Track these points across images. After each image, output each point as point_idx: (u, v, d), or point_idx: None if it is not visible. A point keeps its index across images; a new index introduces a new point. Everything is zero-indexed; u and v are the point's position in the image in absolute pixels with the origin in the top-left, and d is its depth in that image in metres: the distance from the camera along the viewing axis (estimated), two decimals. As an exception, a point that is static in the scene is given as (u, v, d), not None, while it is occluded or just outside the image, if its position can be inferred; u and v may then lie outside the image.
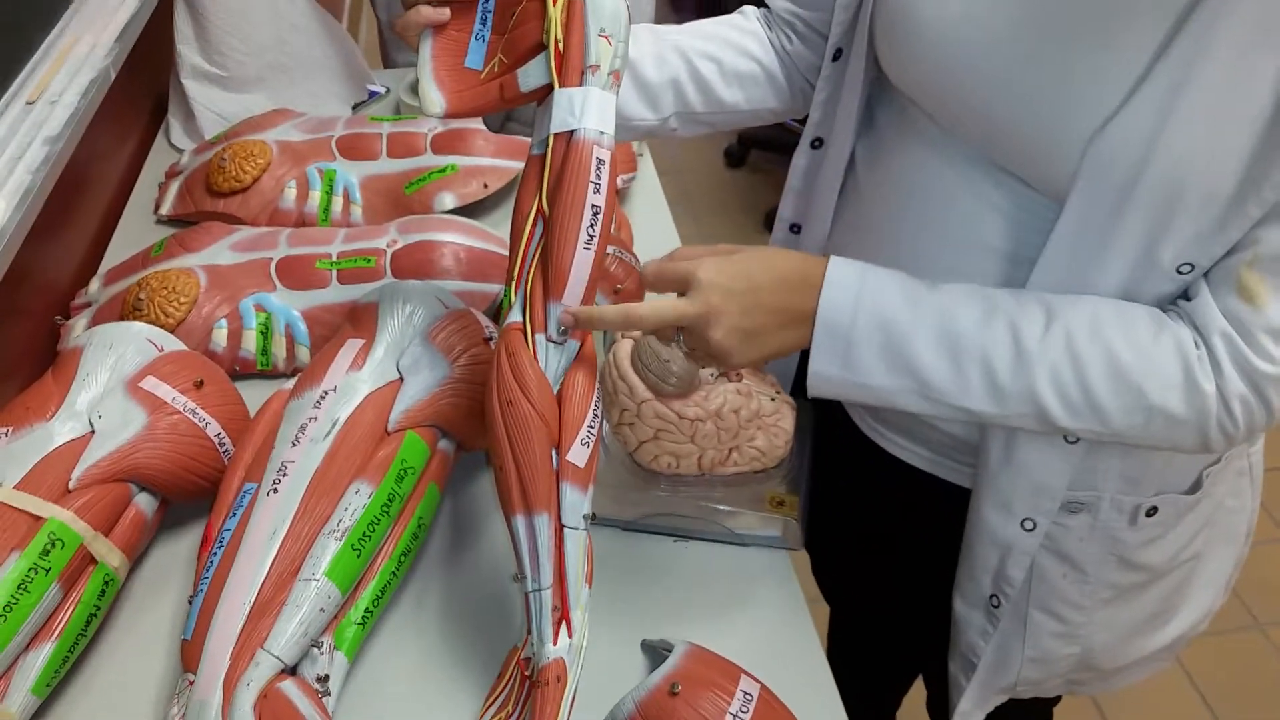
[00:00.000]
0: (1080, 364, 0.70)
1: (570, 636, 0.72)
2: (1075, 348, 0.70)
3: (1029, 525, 0.83)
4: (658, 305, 0.73)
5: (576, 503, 0.73)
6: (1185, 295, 0.72)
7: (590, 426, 0.74)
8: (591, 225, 0.73)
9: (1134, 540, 0.86)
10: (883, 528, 1.04)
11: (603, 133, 0.74)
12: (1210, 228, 0.67)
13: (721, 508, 0.90)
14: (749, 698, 0.71)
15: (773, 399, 0.91)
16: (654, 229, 1.31)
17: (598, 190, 0.74)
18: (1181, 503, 0.85)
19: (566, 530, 0.73)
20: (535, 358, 0.74)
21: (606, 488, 0.91)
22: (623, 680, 0.79)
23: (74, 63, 1.04)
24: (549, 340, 0.74)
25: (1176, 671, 1.87)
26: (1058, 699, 1.15)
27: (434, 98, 0.81)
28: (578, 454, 0.73)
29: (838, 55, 0.90)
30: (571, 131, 0.74)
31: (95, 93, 1.05)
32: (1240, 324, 0.69)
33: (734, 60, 0.96)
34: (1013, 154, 0.75)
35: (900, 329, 0.72)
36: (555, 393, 0.74)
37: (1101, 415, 0.71)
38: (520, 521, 0.73)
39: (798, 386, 0.96)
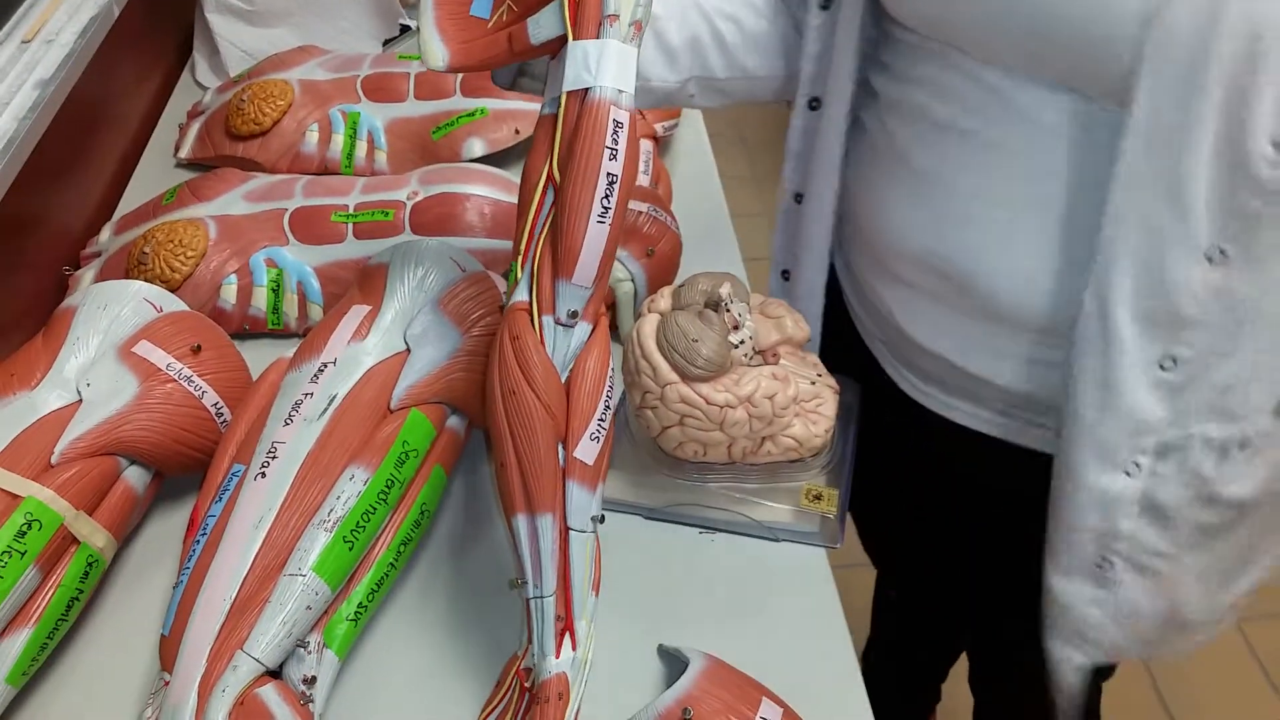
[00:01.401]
0: None
1: (574, 649, 0.66)
2: None
3: (1133, 470, 0.75)
4: None
5: (584, 503, 0.66)
6: None
7: (601, 420, 0.66)
8: (607, 196, 0.65)
9: (1222, 476, 0.77)
10: (934, 495, 0.98)
11: (621, 91, 0.65)
12: None
13: (753, 500, 0.82)
14: (769, 726, 0.64)
15: (813, 382, 0.82)
16: (696, 184, 1.21)
17: (614, 156, 0.65)
18: (1271, 425, 0.76)
19: (572, 533, 0.66)
20: (542, 342, 0.66)
21: (628, 473, 0.84)
22: (636, 685, 0.73)
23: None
24: (557, 323, 0.67)
25: (1240, 649, 1.78)
26: (1110, 671, 1.07)
27: (435, 49, 0.72)
28: (586, 450, 0.66)
29: (827, 3, 0.82)
30: (586, 89, 0.65)
31: (96, 31, 0.98)
32: None
33: (754, 22, 0.89)
34: (1054, 59, 0.66)
35: None
36: (563, 381, 0.67)
37: None
38: (522, 522, 0.66)
39: (830, 364, 0.89)
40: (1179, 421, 0.74)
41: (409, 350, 0.81)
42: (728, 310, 0.80)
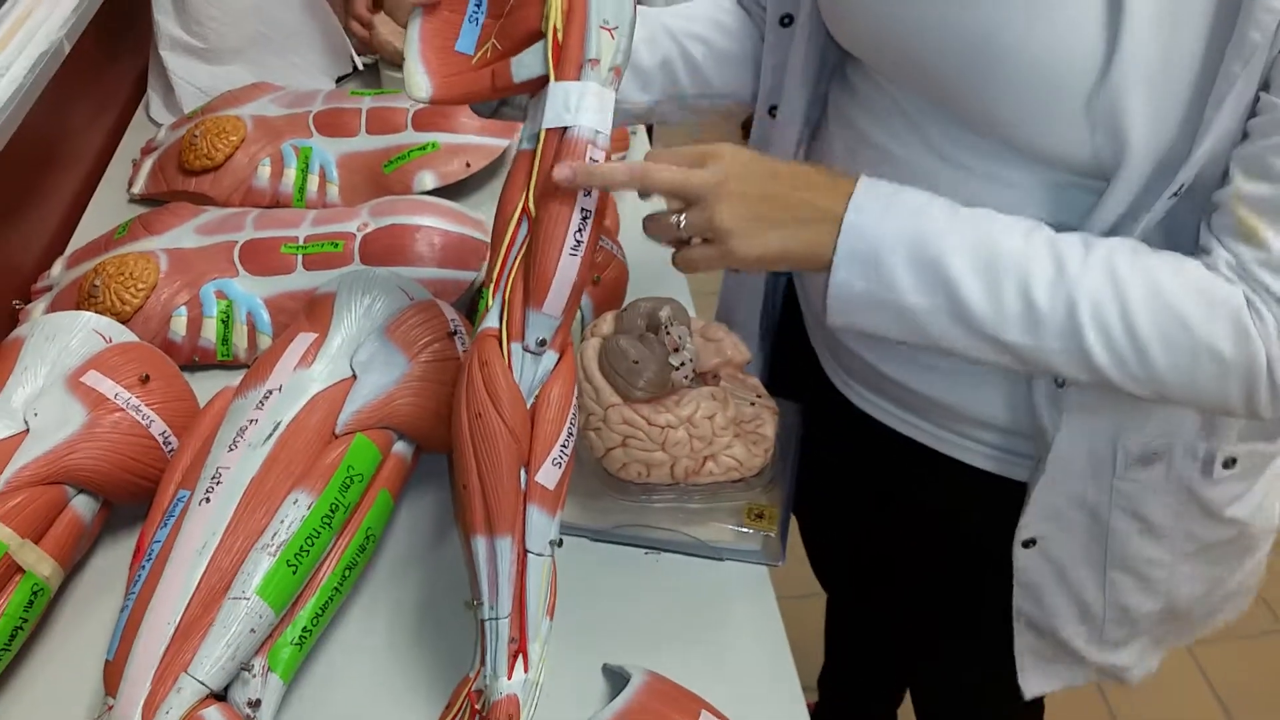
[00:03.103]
0: (1123, 291, 0.64)
1: (526, 671, 0.67)
2: (1118, 273, 0.64)
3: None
4: (671, 169, 0.68)
5: (543, 527, 0.67)
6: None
7: (564, 446, 0.68)
8: (580, 230, 0.67)
9: (1216, 495, 0.80)
10: (874, 509, 0.99)
11: (599, 132, 0.68)
12: None
13: (697, 520, 0.84)
14: (707, 738, 0.65)
15: (752, 404, 0.84)
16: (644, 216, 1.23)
17: (589, 193, 0.68)
18: (1263, 453, 0.79)
19: (530, 556, 0.67)
20: (509, 368, 0.68)
21: (574, 495, 0.86)
22: (580, 704, 0.74)
23: (25, 35, 0.99)
24: (526, 350, 0.69)
25: (1192, 672, 1.80)
26: None
27: (420, 82, 0.75)
28: (548, 475, 0.67)
29: (786, 21, 0.86)
30: (565, 128, 0.68)
31: (45, 67, 0.99)
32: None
33: (722, 42, 0.92)
34: (993, 120, 0.69)
35: (934, 240, 0.66)
36: (529, 407, 0.69)
37: (1144, 354, 0.64)
38: (481, 543, 0.67)
39: (774, 388, 0.91)
40: (1160, 429, 0.76)
41: (355, 376, 0.82)
42: (668, 333, 0.82)
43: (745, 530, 0.83)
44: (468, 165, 1.20)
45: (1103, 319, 0.64)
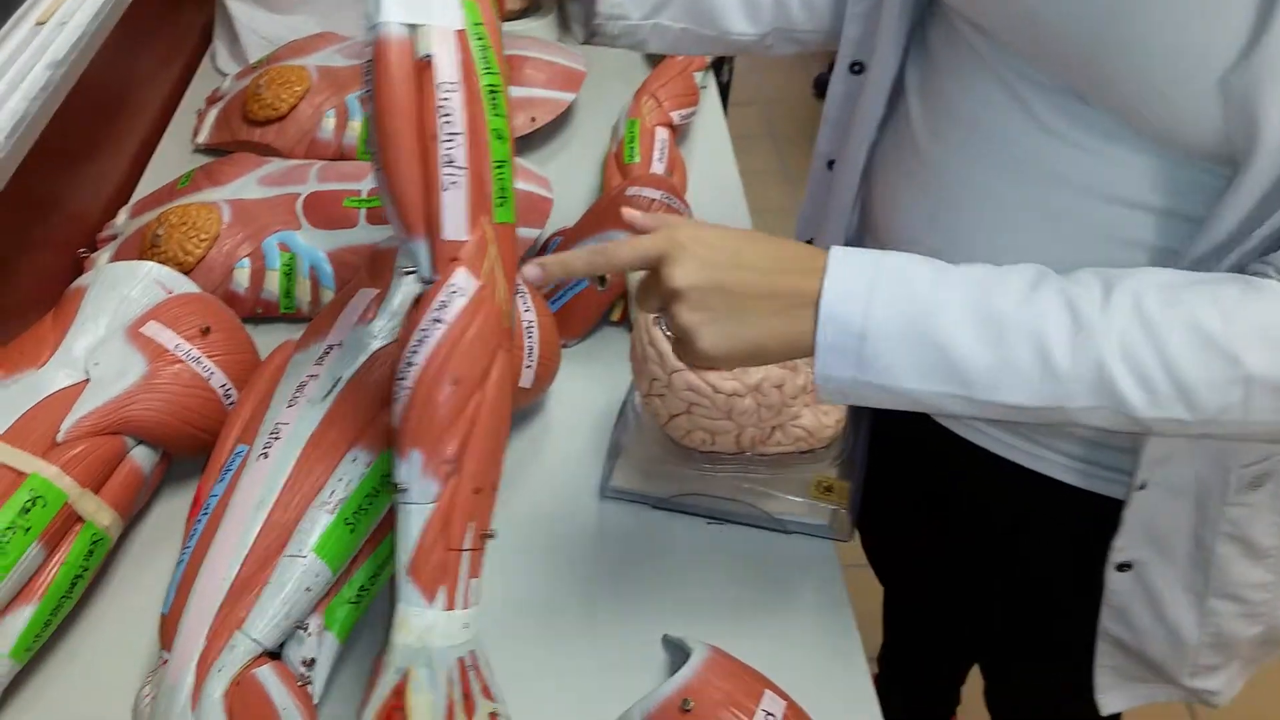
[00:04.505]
0: (1156, 332, 0.55)
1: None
2: (1146, 314, 0.56)
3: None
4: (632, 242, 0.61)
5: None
6: None
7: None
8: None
9: None
10: (944, 510, 0.94)
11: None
12: None
13: (762, 490, 0.81)
14: (772, 719, 0.63)
15: (824, 372, 0.81)
16: (714, 174, 1.20)
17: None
18: None
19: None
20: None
21: (636, 462, 0.84)
22: (638, 674, 0.72)
23: (90, -17, 0.98)
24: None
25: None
26: None
27: None
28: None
29: None
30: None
31: (109, 15, 0.98)
32: None
33: None
34: (1119, 94, 0.62)
35: (928, 314, 0.57)
36: None
37: (1189, 395, 0.56)
38: None
39: None
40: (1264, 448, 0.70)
41: (416, 334, 0.80)
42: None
43: (814, 503, 0.80)
44: (533, 120, 1.18)
45: (1138, 366, 0.56)
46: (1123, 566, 0.77)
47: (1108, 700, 0.85)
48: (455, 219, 0.62)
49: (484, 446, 0.63)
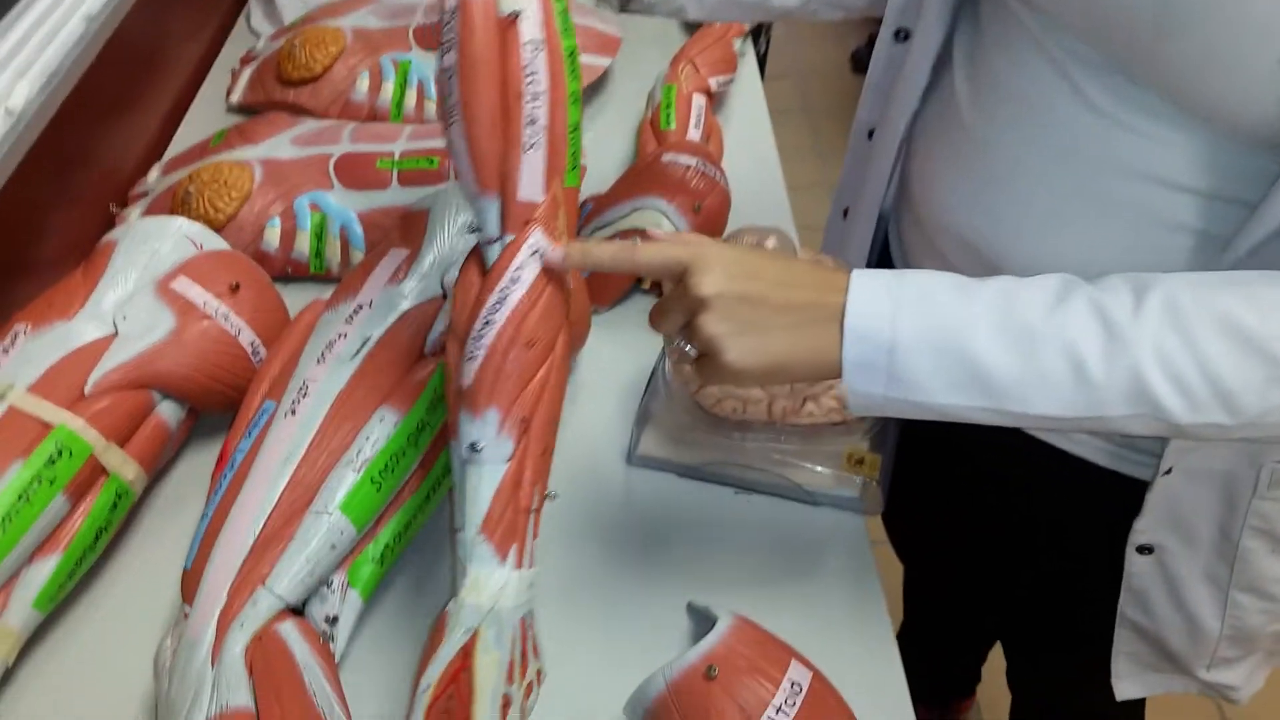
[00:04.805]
0: (1191, 335, 0.54)
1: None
2: (1181, 317, 0.54)
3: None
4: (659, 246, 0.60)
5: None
6: None
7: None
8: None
9: None
10: (971, 487, 0.93)
11: None
12: None
13: (792, 461, 0.80)
14: (797, 689, 0.62)
15: (859, 342, 0.79)
16: (750, 143, 1.18)
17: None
18: None
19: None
20: None
21: (665, 430, 0.82)
22: (663, 640, 0.71)
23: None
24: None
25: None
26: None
27: None
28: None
29: None
30: None
31: (145, -31, 0.97)
32: None
33: None
34: (1174, 79, 0.60)
35: (956, 331, 0.56)
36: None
37: (1229, 400, 0.54)
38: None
39: None
40: None
41: (446, 296, 0.80)
42: (773, 264, 0.77)
43: (845, 475, 0.79)
44: (569, 84, 1.16)
45: (1175, 371, 0.54)
46: (1143, 549, 0.75)
47: (1124, 687, 0.84)
48: (532, 180, 0.61)
49: (552, 409, 0.63)
